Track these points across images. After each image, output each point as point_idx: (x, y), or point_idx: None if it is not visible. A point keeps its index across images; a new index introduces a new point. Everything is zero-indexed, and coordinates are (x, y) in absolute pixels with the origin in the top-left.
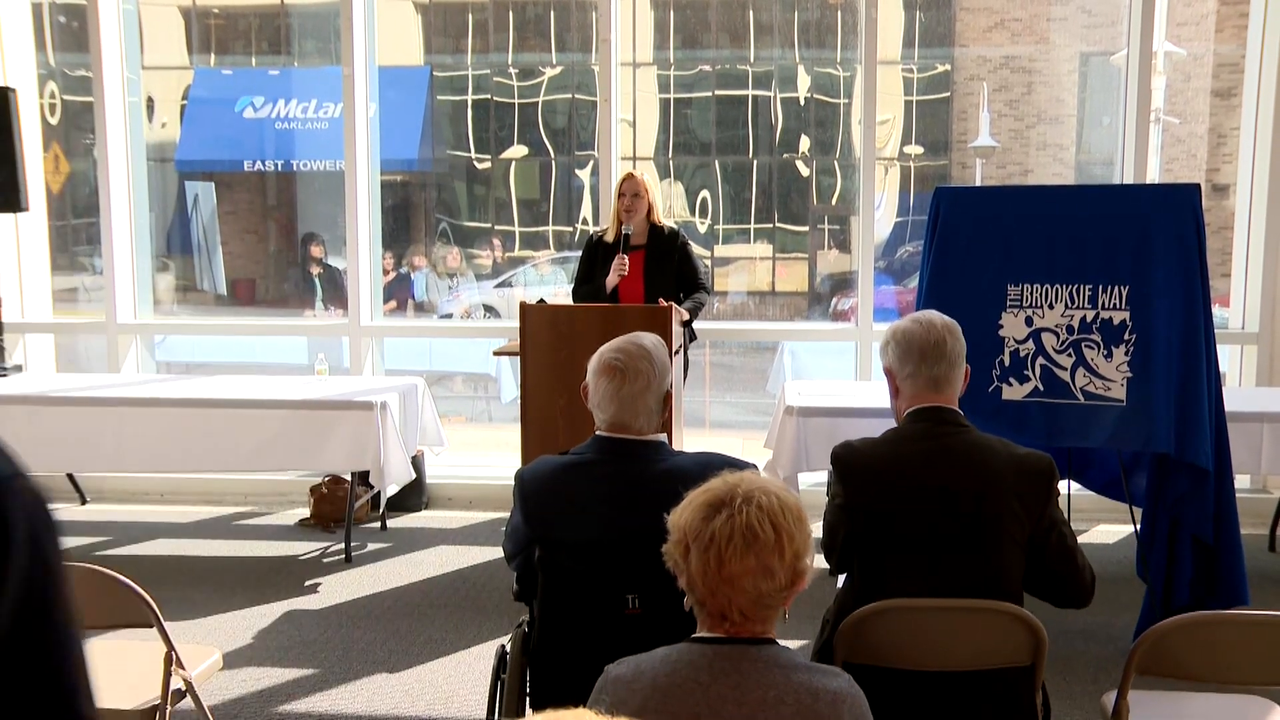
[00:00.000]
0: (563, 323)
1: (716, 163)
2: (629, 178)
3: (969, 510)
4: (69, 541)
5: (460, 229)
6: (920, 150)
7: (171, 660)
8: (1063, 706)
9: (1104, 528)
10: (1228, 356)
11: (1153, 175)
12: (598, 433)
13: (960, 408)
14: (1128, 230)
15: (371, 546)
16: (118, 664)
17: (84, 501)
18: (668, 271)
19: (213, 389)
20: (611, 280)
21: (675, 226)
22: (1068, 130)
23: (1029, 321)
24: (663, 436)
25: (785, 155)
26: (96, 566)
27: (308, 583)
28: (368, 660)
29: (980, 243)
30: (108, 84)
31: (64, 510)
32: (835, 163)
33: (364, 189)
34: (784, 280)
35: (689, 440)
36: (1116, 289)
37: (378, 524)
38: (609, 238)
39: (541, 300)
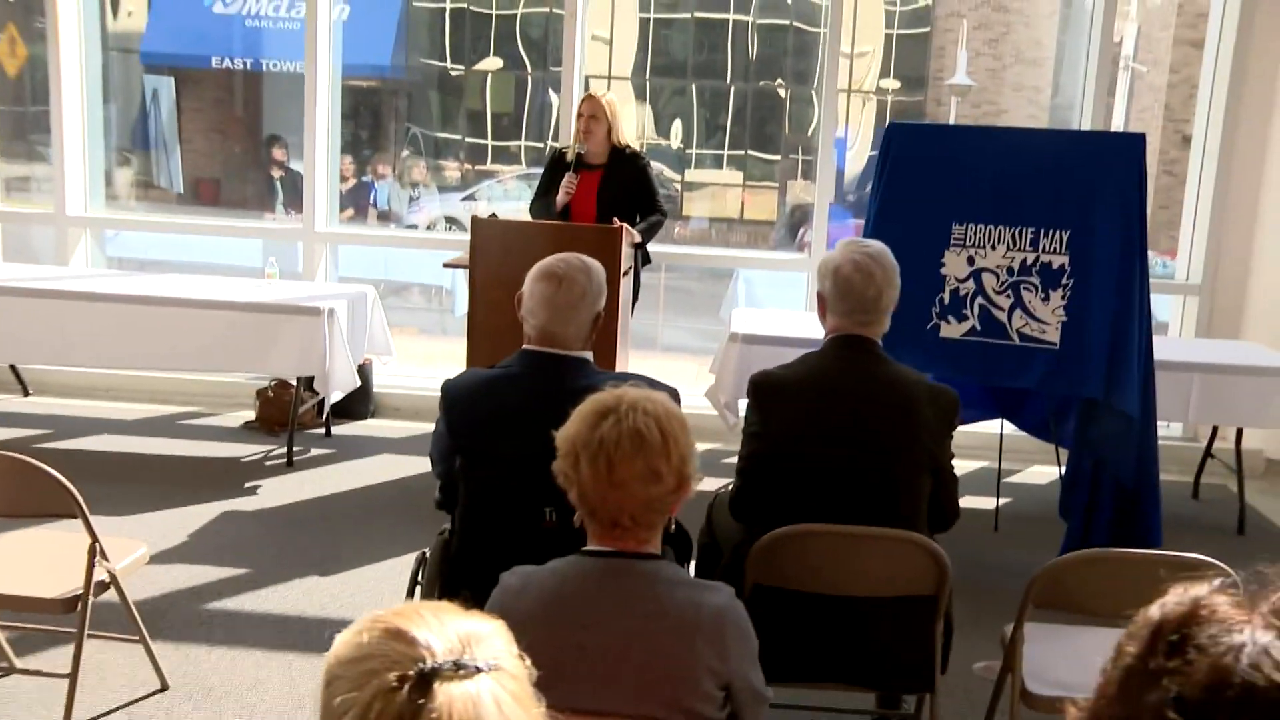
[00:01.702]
0: (513, 238)
1: (693, 86)
2: (588, 98)
3: (884, 437)
4: (8, 433)
5: (430, 139)
6: (897, 85)
7: (95, 551)
8: (968, 636)
9: (1037, 468)
10: (1170, 307)
11: (1118, 122)
12: (525, 346)
13: (898, 342)
14: (1073, 176)
15: (315, 452)
16: (43, 554)
17: (26, 393)
18: (624, 193)
19: (160, 287)
20: (560, 199)
21: (636, 149)
22: (1044, 73)
23: (971, 261)
24: (588, 354)
25: (762, 83)
26: (22, 456)
27: (247, 484)
28: (301, 562)
29: (929, 180)
30: None
31: (5, 401)
32: (813, 93)
33: (324, 93)
34: (752, 208)
35: (636, 362)
36: (1058, 233)
37: (322, 430)
38: (569, 156)
39: (493, 214)
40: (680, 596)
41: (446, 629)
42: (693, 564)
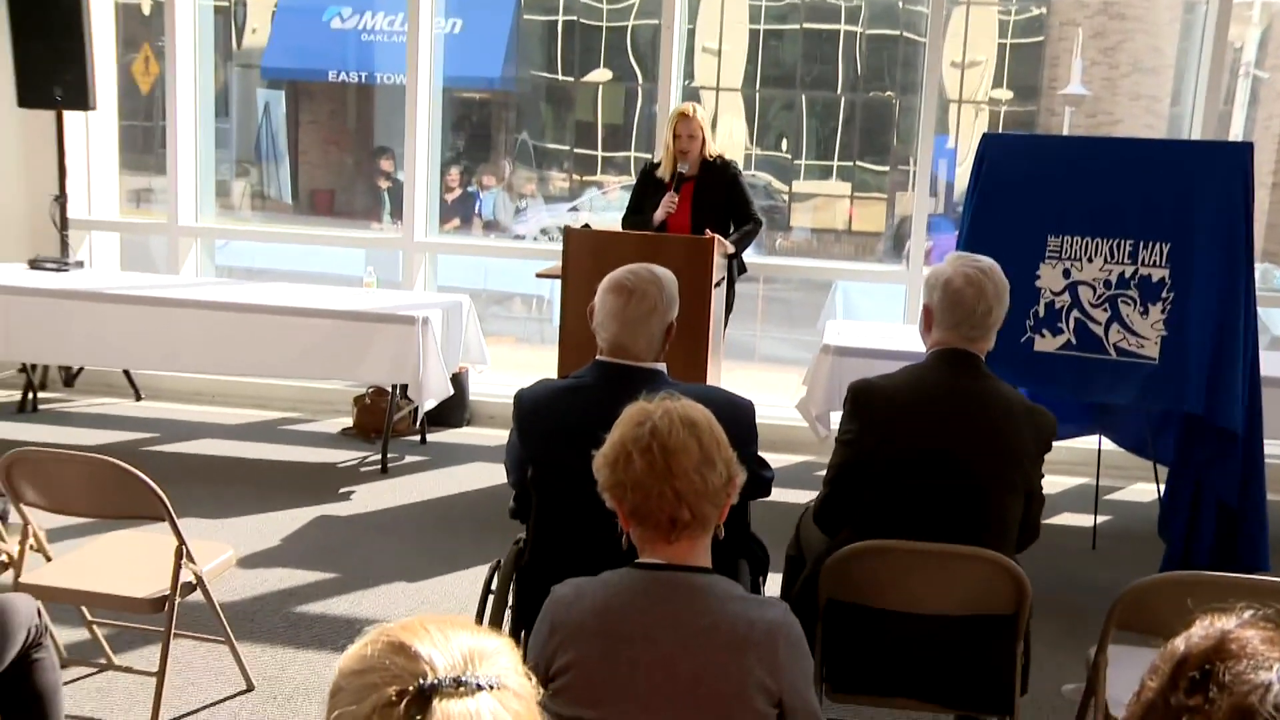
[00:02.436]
0: (604, 248)
1: (803, 96)
2: (683, 118)
3: (983, 456)
4: (119, 436)
5: (539, 150)
6: (1010, 95)
7: (181, 554)
8: (1058, 656)
9: (1139, 486)
10: None
11: (1236, 129)
12: (597, 358)
13: (993, 356)
14: (1173, 186)
15: (409, 459)
16: (138, 555)
17: (139, 398)
18: (717, 203)
19: (261, 295)
20: (659, 216)
21: (727, 158)
22: (1163, 81)
23: (1066, 274)
24: (661, 365)
25: (871, 93)
26: (116, 460)
27: (342, 490)
28: (389, 569)
29: (1024, 191)
30: None
31: (118, 405)
32: (921, 102)
33: (424, 104)
34: (859, 219)
35: (731, 373)
36: (1158, 246)
37: (418, 437)
38: (662, 173)
39: (586, 225)
40: (732, 611)
41: (451, 645)
42: (772, 577)
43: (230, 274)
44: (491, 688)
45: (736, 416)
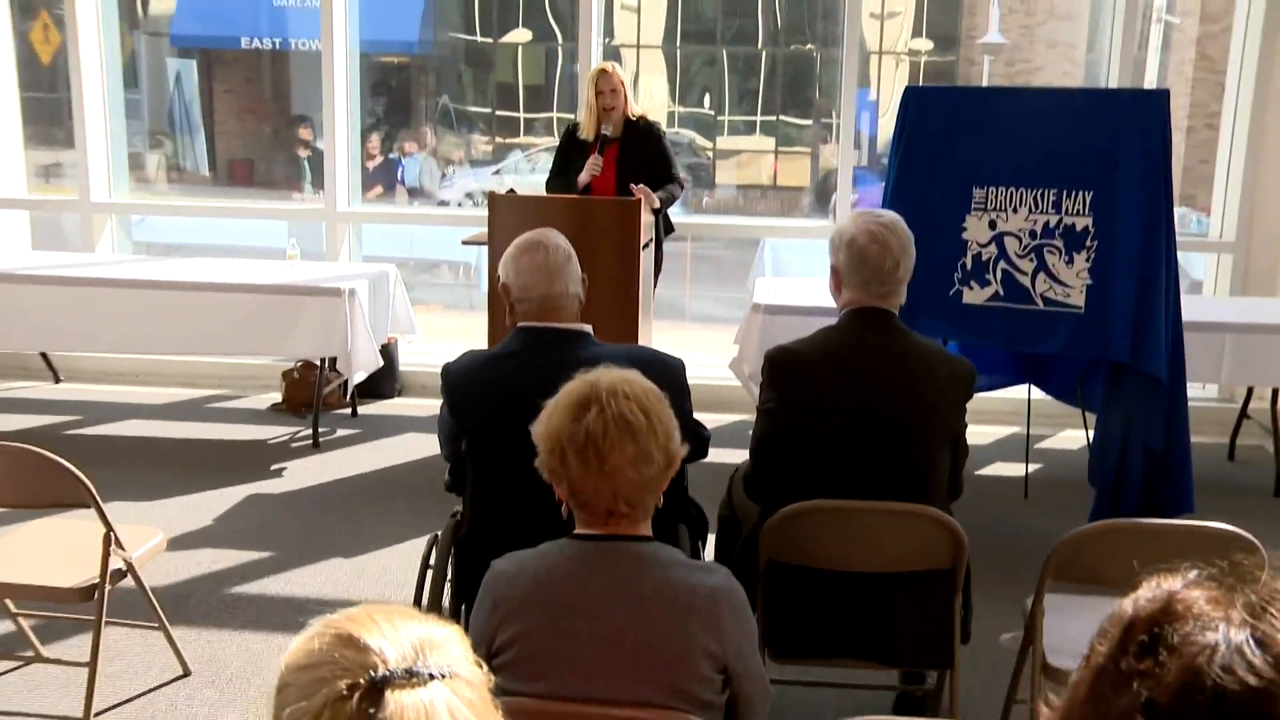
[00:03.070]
0: (531, 213)
1: (724, 52)
2: (604, 74)
3: (904, 411)
4: (38, 420)
5: (459, 113)
6: (930, 45)
7: (109, 540)
8: (996, 607)
9: (1069, 433)
10: (1204, 265)
11: (1150, 76)
12: (520, 324)
13: (920, 310)
14: (1094, 136)
15: (341, 432)
16: (63, 543)
17: (58, 380)
18: (641, 165)
19: (181, 271)
20: (584, 178)
21: (649, 119)
22: (1079, 28)
23: (992, 225)
24: (588, 327)
25: (793, 46)
26: (34, 448)
27: (273, 467)
28: (324, 544)
29: (947, 144)
30: None
31: (36, 389)
32: (842, 55)
33: (341, 71)
34: (785, 174)
35: (663, 333)
36: (1081, 194)
37: (348, 410)
38: (584, 133)
39: (511, 190)
40: (674, 578)
41: (400, 635)
42: (711, 538)
43: (148, 250)
44: (443, 677)
45: (668, 376)
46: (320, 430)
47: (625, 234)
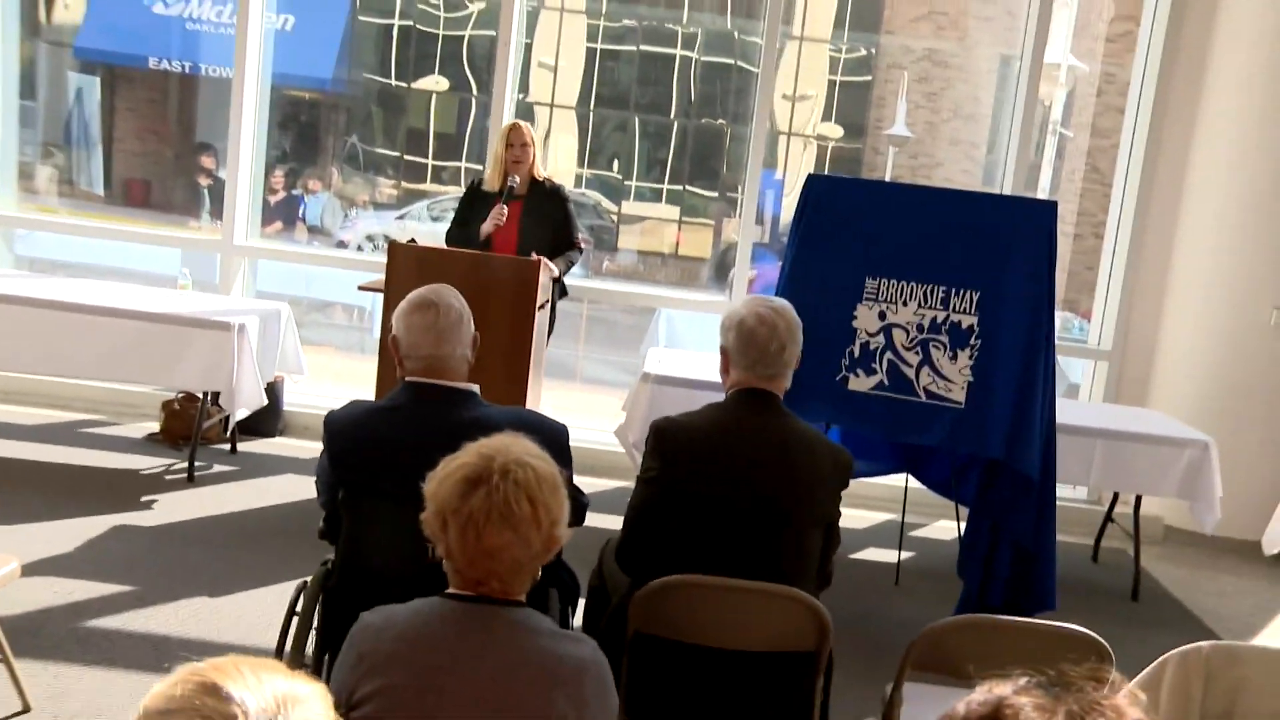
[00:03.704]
0: (430, 265)
1: (637, 119)
2: (516, 128)
3: (782, 493)
4: None
5: (367, 154)
6: (839, 132)
7: None
8: (860, 692)
9: (943, 523)
10: (1082, 370)
11: (1044, 183)
12: (407, 379)
13: (806, 393)
14: (985, 239)
15: (218, 468)
16: None
17: None
18: (544, 224)
19: (64, 291)
20: (487, 228)
21: (555, 181)
22: (980, 128)
23: (882, 316)
24: (475, 387)
25: (704, 120)
26: None
27: (144, 498)
28: (191, 582)
29: (845, 233)
30: None
31: None
32: (751, 132)
33: (250, 101)
34: (687, 244)
35: (552, 393)
36: (969, 293)
37: (228, 446)
38: (489, 186)
39: (412, 240)
40: (541, 646)
41: (264, 688)
42: (581, 603)
43: (32, 265)
44: None
45: (551, 442)
46: (197, 465)
47: (522, 293)
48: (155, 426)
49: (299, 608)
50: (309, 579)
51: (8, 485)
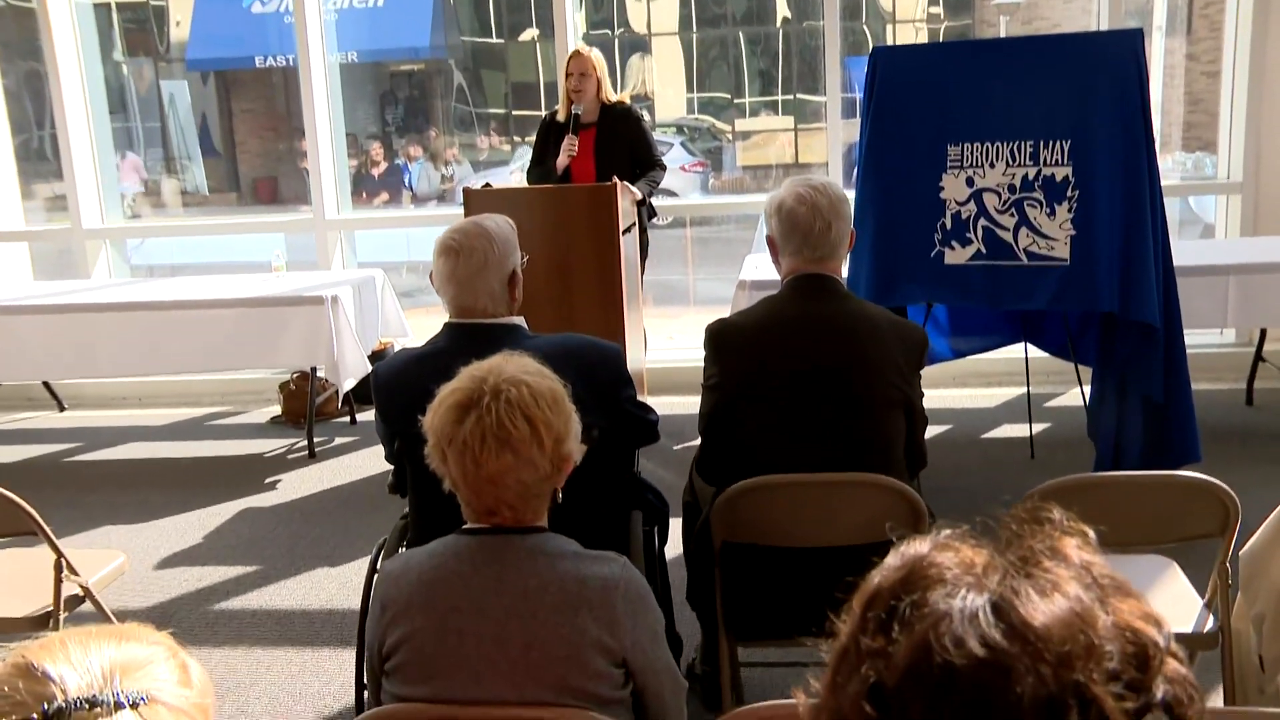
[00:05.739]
0: (507, 206)
1: (740, 33)
2: (575, 56)
3: (849, 378)
4: (40, 449)
5: (473, 115)
6: (942, 10)
7: (60, 567)
8: None
9: (1076, 390)
10: (1213, 207)
11: (1158, 20)
12: (447, 320)
13: (901, 273)
14: (1068, 82)
15: (339, 440)
16: (13, 573)
17: (62, 408)
18: (620, 149)
19: (166, 291)
20: (561, 161)
21: (627, 102)
22: None
23: (970, 182)
24: (519, 319)
25: (805, 24)
26: None
27: (268, 480)
28: (311, 555)
29: (918, 103)
30: None
31: (41, 418)
32: (864, 26)
33: (320, 81)
34: (806, 151)
35: (661, 319)
36: (1058, 143)
37: (347, 418)
38: (560, 118)
39: (487, 184)
40: (562, 570)
41: (90, 660)
42: (675, 523)
43: (152, 272)
44: (134, 705)
45: (603, 362)
46: (317, 440)
47: (602, 219)
48: (277, 410)
49: (379, 566)
50: (387, 536)
51: (141, 485)
